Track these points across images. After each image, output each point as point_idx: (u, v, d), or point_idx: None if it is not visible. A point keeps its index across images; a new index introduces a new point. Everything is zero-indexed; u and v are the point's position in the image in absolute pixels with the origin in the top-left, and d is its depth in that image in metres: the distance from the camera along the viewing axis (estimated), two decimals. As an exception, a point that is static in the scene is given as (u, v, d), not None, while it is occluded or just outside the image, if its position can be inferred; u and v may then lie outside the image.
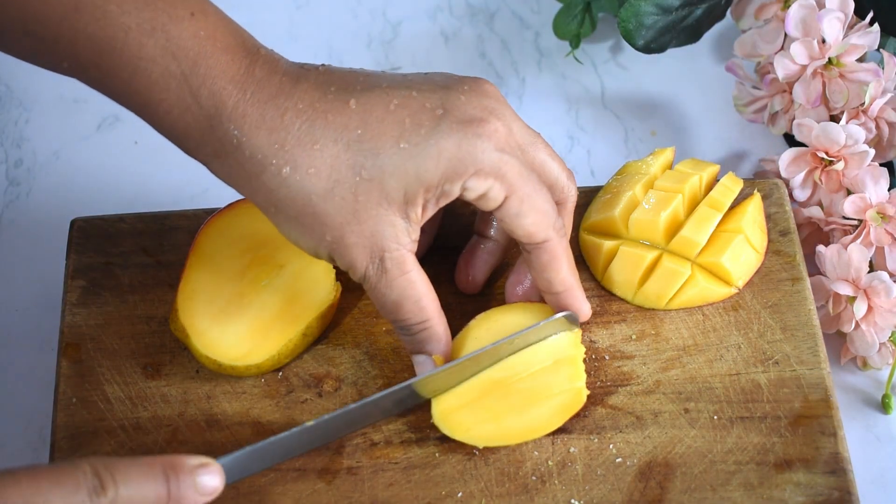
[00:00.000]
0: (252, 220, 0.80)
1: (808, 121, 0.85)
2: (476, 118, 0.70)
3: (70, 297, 0.81)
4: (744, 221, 0.80)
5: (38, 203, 0.93)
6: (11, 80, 0.98)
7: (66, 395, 0.77)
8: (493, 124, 0.70)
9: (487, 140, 0.69)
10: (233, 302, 0.78)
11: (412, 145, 0.69)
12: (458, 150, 0.69)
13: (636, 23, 0.89)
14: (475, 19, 1.02)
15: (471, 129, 0.69)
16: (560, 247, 0.74)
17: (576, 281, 0.75)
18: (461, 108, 0.70)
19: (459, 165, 0.69)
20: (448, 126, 0.69)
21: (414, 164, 0.69)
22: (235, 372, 0.77)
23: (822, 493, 0.73)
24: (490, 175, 0.70)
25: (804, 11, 0.86)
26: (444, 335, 0.74)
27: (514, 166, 0.70)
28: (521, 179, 0.71)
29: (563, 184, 0.74)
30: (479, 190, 0.70)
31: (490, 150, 0.69)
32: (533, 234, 0.72)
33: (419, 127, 0.69)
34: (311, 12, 1.03)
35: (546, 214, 0.72)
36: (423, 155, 0.69)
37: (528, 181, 0.71)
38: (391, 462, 0.75)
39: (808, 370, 0.77)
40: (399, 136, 0.69)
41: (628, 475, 0.74)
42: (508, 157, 0.70)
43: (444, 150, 0.69)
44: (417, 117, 0.69)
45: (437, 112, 0.69)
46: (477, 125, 0.69)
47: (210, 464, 0.65)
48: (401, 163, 0.68)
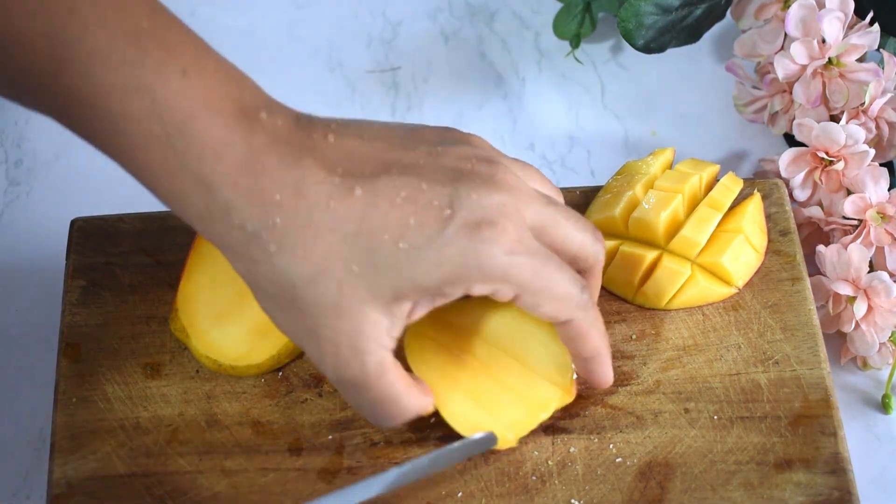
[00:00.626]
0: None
1: (808, 121, 0.85)
2: (486, 221, 0.65)
3: (70, 297, 0.81)
4: (744, 221, 0.80)
5: (38, 203, 0.93)
6: (11, 80, 0.98)
7: (66, 395, 0.77)
8: (501, 225, 0.65)
9: (495, 245, 0.65)
10: (233, 302, 0.78)
11: (412, 247, 0.64)
12: (463, 257, 0.65)
13: (636, 23, 0.89)
14: (475, 19, 1.02)
15: (478, 235, 0.65)
16: (586, 322, 0.70)
17: (605, 349, 0.72)
18: (470, 209, 0.65)
19: (463, 272, 0.65)
20: (454, 231, 0.65)
21: (411, 267, 0.64)
22: (235, 372, 0.77)
23: (822, 493, 0.73)
24: (497, 280, 0.66)
25: (804, 11, 0.86)
26: (425, 400, 0.71)
27: (525, 267, 0.66)
28: (534, 277, 0.67)
29: (588, 252, 0.70)
30: (485, 291, 0.66)
31: (498, 255, 0.65)
32: (553, 317, 0.69)
33: (423, 228, 0.64)
34: (311, 12, 1.03)
35: (566, 299, 0.68)
36: (422, 259, 0.64)
37: (541, 276, 0.67)
38: (391, 462, 0.75)
39: (808, 370, 0.77)
40: (400, 235, 0.64)
41: (628, 475, 0.74)
42: (518, 259, 0.66)
43: (446, 256, 0.65)
44: (423, 216, 0.65)
45: (445, 213, 0.65)
46: (485, 229, 0.65)
47: None
48: (395, 263, 0.64)
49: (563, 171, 0.94)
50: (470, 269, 0.65)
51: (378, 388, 0.67)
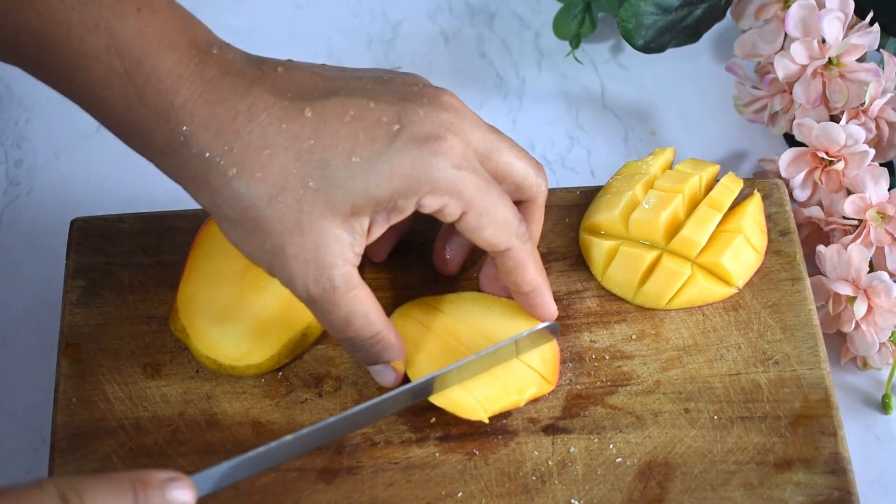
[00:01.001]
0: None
1: (808, 121, 0.85)
2: (433, 135, 0.68)
3: (70, 297, 0.81)
4: (744, 221, 0.80)
5: (38, 203, 0.93)
6: (11, 80, 0.98)
7: (66, 395, 0.77)
8: (449, 141, 0.69)
9: (443, 158, 0.68)
10: (233, 302, 0.78)
11: (364, 160, 0.67)
12: (413, 168, 0.68)
13: (636, 22, 0.89)
14: (475, 19, 1.02)
15: (426, 147, 0.68)
16: (524, 252, 0.73)
17: (543, 281, 0.75)
18: (418, 124, 0.68)
19: (413, 183, 0.68)
20: (403, 143, 0.68)
21: (364, 178, 0.67)
22: (235, 372, 0.77)
23: (822, 492, 0.73)
24: (445, 193, 0.69)
25: (804, 11, 0.86)
26: (397, 341, 0.73)
27: (471, 182, 0.69)
28: (479, 194, 0.70)
29: (532, 181, 0.74)
30: (433, 206, 0.69)
31: (446, 167, 0.68)
32: (494, 244, 0.72)
33: (373, 142, 0.68)
34: (311, 12, 1.03)
35: (506, 224, 0.71)
36: (374, 171, 0.67)
37: (486, 194, 0.70)
38: (391, 462, 0.75)
39: (808, 370, 0.77)
40: (352, 149, 0.67)
41: (628, 475, 0.74)
42: (465, 174, 0.69)
43: (396, 167, 0.68)
44: (372, 132, 0.68)
45: (393, 127, 0.68)
46: (433, 143, 0.68)
47: (180, 478, 0.63)
48: (349, 176, 0.67)
49: (563, 171, 0.94)
50: (420, 181, 0.68)
51: (346, 302, 0.69)
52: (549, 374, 0.75)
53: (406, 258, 0.82)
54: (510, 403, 0.75)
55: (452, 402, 0.74)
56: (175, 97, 0.66)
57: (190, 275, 0.78)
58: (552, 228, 0.83)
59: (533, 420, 0.76)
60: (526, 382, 0.75)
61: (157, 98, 0.66)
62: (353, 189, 0.67)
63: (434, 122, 0.69)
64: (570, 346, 0.79)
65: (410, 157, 0.68)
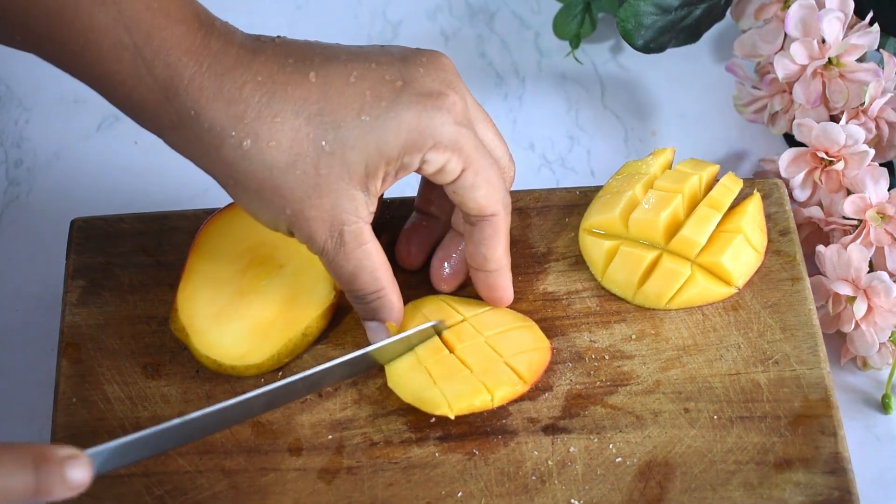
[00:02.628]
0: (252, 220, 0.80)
1: (808, 121, 0.85)
2: (435, 91, 0.70)
3: (70, 297, 0.81)
4: (744, 221, 0.80)
5: (38, 203, 0.93)
6: (11, 80, 0.98)
7: (66, 395, 0.77)
8: (451, 97, 0.70)
9: (447, 113, 0.70)
10: (233, 302, 0.78)
11: (373, 118, 0.68)
12: (419, 122, 0.69)
13: (635, 22, 0.90)
14: (475, 19, 1.02)
15: (430, 102, 0.69)
16: (504, 223, 0.74)
17: (508, 263, 0.76)
18: (420, 81, 0.70)
19: (419, 138, 0.69)
20: (408, 98, 0.69)
21: (375, 136, 0.69)
22: (235, 372, 0.77)
23: (822, 492, 0.73)
24: (448, 148, 0.70)
25: (804, 11, 0.86)
26: (398, 303, 0.75)
27: (471, 139, 0.71)
28: (477, 153, 0.71)
29: (506, 164, 0.75)
30: (437, 163, 0.70)
31: (449, 123, 0.70)
32: (484, 206, 0.73)
33: (380, 99, 0.69)
34: (311, 12, 1.03)
35: (497, 188, 0.73)
36: (384, 128, 0.69)
37: (483, 154, 0.71)
38: (391, 462, 0.75)
39: (808, 370, 0.77)
40: (360, 108, 0.68)
41: (628, 475, 0.74)
42: (465, 131, 0.70)
43: (404, 122, 0.69)
44: (378, 90, 0.69)
45: (397, 84, 0.69)
46: (436, 98, 0.69)
47: (78, 456, 0.62)
48: (362, 135, 0.68)
49: (563, 171, 0.94)
50: (425, 136, 0.69)
51: (356, 256, 0.71)
52: (527, 375, 0.75)
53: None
54: (480, 403, 0.74)
55: (417, 397, 0.74)
56: (185, 70, 0.67)
57: (190, 275, 0.78)
58: (552, 228, 0.83)
59: (533, 420, 0.76)
60: (500, 382, 0.75)
61: (166, 71, 0.67)
62: (365, 148, 0.68)
63: (435, 79, 0.70)
64: (570, 346, 0.79)
65: (416, 112, 0.69)
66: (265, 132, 0.68)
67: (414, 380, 0.75)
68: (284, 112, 0.68)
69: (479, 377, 0.75)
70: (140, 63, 0.67)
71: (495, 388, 0.74)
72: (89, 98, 0.96)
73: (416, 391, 0.74)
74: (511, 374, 0.75)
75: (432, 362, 0.75)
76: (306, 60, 0.69)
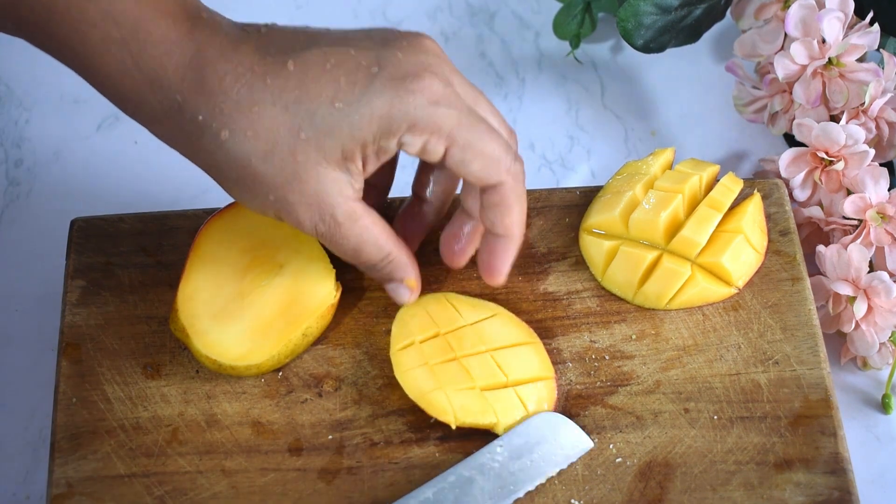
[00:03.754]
0: (252, 220, 0.80)
1: (808, 121, 0.85)
2: (410, 74, 0.69)
3: (70, 297, 0.81)
4: (744, 221, 0.80)
5: (38, 203, 0.93)
6: (11, 80, 0.98)
7: (66, 395, 0.77)
8: (426, 80, 0.70)
9: (420, 95, 0.69)
10: (233, 302, 0.78)
11: (346, 104, 0.69)
12: (391, 107, 0.69)
13: (635, 22, 0.90)
14: (475, 19, 1.02)
15: (403, 86, 0.69)
16: (514, 193, 0.73)
17: (519, 235, 0.75)
18: (396, 65, 0.70)
19: (392, 123, 0.69)
20: (381, 84, 0.69)
21: (348, 123, 0.69)
22: (235, 372, 0.77)
23: (822, 493, 0.73)
24: (425, 130, 0.70)
25: (804, 11, 0.86)
26: (410, 260, 0.75)
27: (452, 117, 0.70)
28: (461, 128, 0.70)
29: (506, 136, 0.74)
30: (416, 145, 0.70)
31: (423, 105, 0.69)
32: (482, 178, 0.72)
33: (353, 86, 0.69)
34: (311, 12, 1.03)
35: (495, 159, 0.71)
36: (356, 114, 0.69)
37: (469, 128, 0.70)
38: (391, 462, 0.75)
39: (808, 370, 0.77)
40: (334, 95, 0.69)
41: (628, 475, 0.74)
42: (444, 109, 0.70)
43: (375, 108, 0.69)
44: (352, 76, 0.69)
45: (373, 70, 0.69)
46: (410, 81, 0.69)
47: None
48: (335, 122, 0.69)
49: (563, 171, 0.94)
50: (398, 120, 0.69)
51: (354, 233, 0.71)
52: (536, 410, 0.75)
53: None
54: (486, 423, 0.74)
55: (422, 397, 0.74)
56: (168, 62, 0.68)
57: (190, 275, 0.78)
58: (552, 228, 0.83)
59: (533, 420, 0.76)
60: (508, 411, 0.75)
61: (151, 64, 0.68)
62: (340, 135, 0.69)
63: (412, 62, 0.70)
64: (570, 346, 0.79)
65: (388, 98, 0.69)
66: (243, 122, 0.68)
67: (420, 377, 0.75)
68: (262, 102, 0.68)
69: (487, 398, 0.74)
70: (127, 56, 0.68)
71: (503, 415, 0.74)
72: (89, 98, 0.97)
73: (422, 391, 0.74)
74: (520, 406, 0.75)
75: (437, 363, 0.75)
76: (287, 49, 0.70)
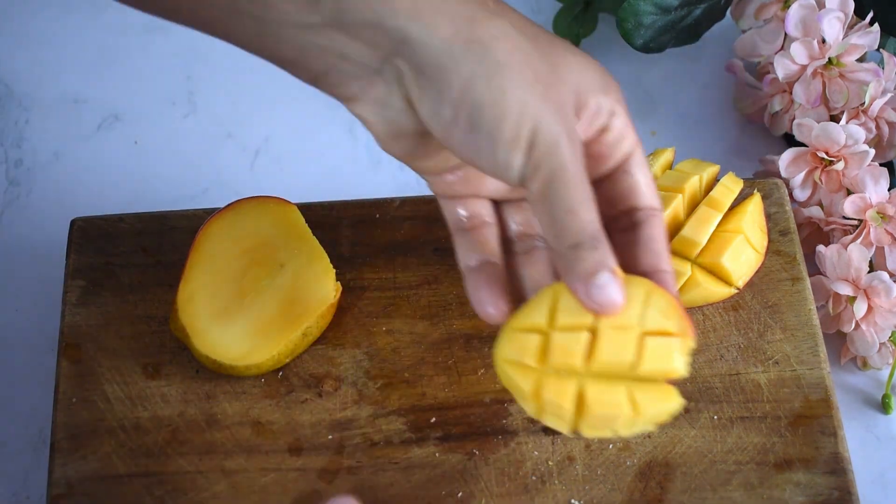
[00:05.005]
0: (252, 220, 0.80)
1: (808, 121, 0.85)
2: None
3: (70, 297, 0.81)
4: (744, 221, 0.80)
5: (38, 203, 0.93)
6: (11, 80, 0.98)
7: (66, 395, 0.77)
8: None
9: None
10: (233, 302, 0.78)
11: (572, 53, 0.65)
12: (597, 68, 0.65)
13: (635, 22, 0.90)
14: (475, 19, 1.02)
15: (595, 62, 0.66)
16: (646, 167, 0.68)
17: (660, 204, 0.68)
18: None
19: (609, 83, 0.65)
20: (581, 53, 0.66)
21: (578, 69, 0.64)
22: (235, 372, 0.77)
23: (822, 493, 0.73)
24: (625, 113, 0.65)
25: (804, 11, 0.86)
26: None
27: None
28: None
29: None
30: (620, 123, 0.65)
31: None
32: (651, 195, 0.66)
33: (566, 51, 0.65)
34: (311, 12, 1.03)
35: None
36: (584, 62, 0.64)
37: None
38: (391, 462, 0.75)
39: (808, 370, 0.77)
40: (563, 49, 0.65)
41: (628, 475, 0.74)
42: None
43: (589, 63, 0.65)
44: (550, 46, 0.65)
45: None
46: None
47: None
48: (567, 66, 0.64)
49: (563, 171, 0.94)
50: (612, 83, 0.65)
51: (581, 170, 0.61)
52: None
53: (406, 258, 0.82)
54: (595, 433, 0.65)
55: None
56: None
57: (190, 275, 0.78)
58: (552, 228, 0.83)
59: (533, 420, 0.76)
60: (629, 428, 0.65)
61: None
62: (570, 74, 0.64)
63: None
64: (570, 346, 0.79)
65: (591, 61, 0.65)
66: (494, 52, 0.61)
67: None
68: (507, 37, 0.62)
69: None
70: None
71: (626, 428, 0.65)
72: (89, 98, 0.97)
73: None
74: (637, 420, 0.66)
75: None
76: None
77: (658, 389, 0.64)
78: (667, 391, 0.64)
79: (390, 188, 0.89)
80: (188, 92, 0.97)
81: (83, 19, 1.00)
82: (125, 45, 0.99)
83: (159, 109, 0.97)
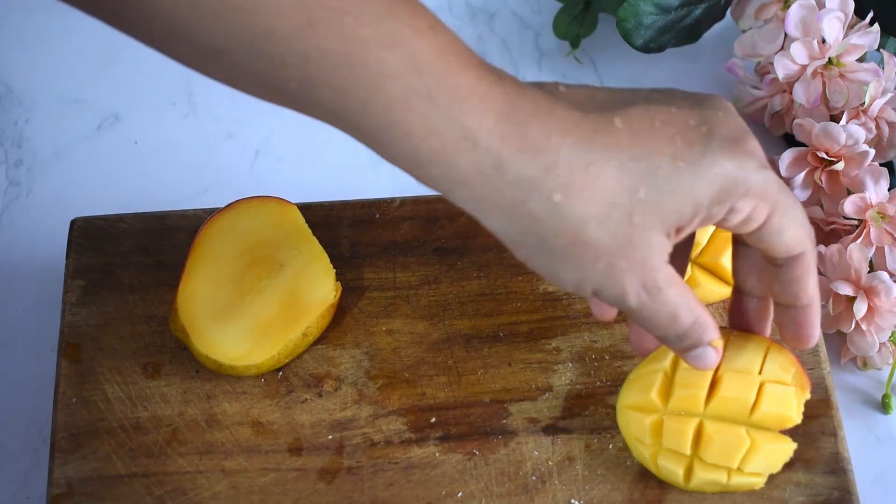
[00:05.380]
0: (252, 220, 0.80)
1: (808, 121, 0.85)
2: (738, 136, 0.65)
3: (70, 297, 0.81)
4: (744, 221, 0.80)
5: (38, 203, 0.93)
6: (11, 80, 0.98)
7: (66, 395, 0.77)
8: (752, 142, 0.66)
9: (753, 158, 0.65)
10: (233, 302, 0.78)
11: (688, 164, 0.64)
12: (729, 171, 0.64)
13: (635, 22, 0.90)
14: (475, 19, 1.02)
15: (737, 148, 0.65)
16: (813, 258, 0.69)
17: (819, 297, 0.71)
18: (723, 126, 0.65)
19: (733, 186, 0.65)
20: (719, 145, 0.64)
21: (690, 183, 0.64)
22: (235, 372, 0.77)
23: (822, 493, 0.73)
24: (757, 195, 0.65)
25: (804, 11, 0.86)
26: (712, 319, 0.68)
27: (775, 182, 0.66)
28: (782, 193, 0.66)
29: None
30: (744, 211, 0.66)
31: (757, 168, 0.65)
32: (793, 247, 0.68)
33: (691, 145, 0.64)
34: (311, 12, 1.03)
35: (803, 225, 0.68)
36: (699, 174, 0.64)
37: (787, 193, 0.67)
38: (391, 462, 0.75)
39: (808, 370, 0.77)
40: (674, 155, 0.64)
41: (628, 475, 0.74)
42: (770, 174, 0.66)
43: (717, 170, 0.64)
44: (686, 135, 0.64)
45: (703, 129, 0.65)
46: (741, 143, 0.65)
47: None
48: (679, 182, 0.64)
49: (563, 171, 0.94)
50: (738, 183, 0.64)
51: (672, 298, 0.65)
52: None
53: (406, 258, 0.82)
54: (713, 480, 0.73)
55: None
56: (483, 119, 0.61)
57: (190, 275, 0.78)
58: (552, 228, 0.83)
59: (533, 420, 0.76)
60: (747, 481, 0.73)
61: (463, 119, 0.61)
62: (681, 197, 0.64)
63: (733, 124, 0.66)
64: (570, 346, 0.79)
65: (729, 158, 0.64)
66: (578, 183, 0.62)
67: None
68: (598, 161, 0.62)
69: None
70: (433, 111, 0.60)
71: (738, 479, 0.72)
72: (89, 98, 0.97)
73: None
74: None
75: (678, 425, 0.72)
76: (605, 106, 0.64)
77: (772, 434, 0.71)
78: (780, 437, 0.72)
79: (390, 188, 0.89)
80: (188, 92, 0.97)
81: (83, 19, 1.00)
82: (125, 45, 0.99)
83: (159, 109, 0.97)
